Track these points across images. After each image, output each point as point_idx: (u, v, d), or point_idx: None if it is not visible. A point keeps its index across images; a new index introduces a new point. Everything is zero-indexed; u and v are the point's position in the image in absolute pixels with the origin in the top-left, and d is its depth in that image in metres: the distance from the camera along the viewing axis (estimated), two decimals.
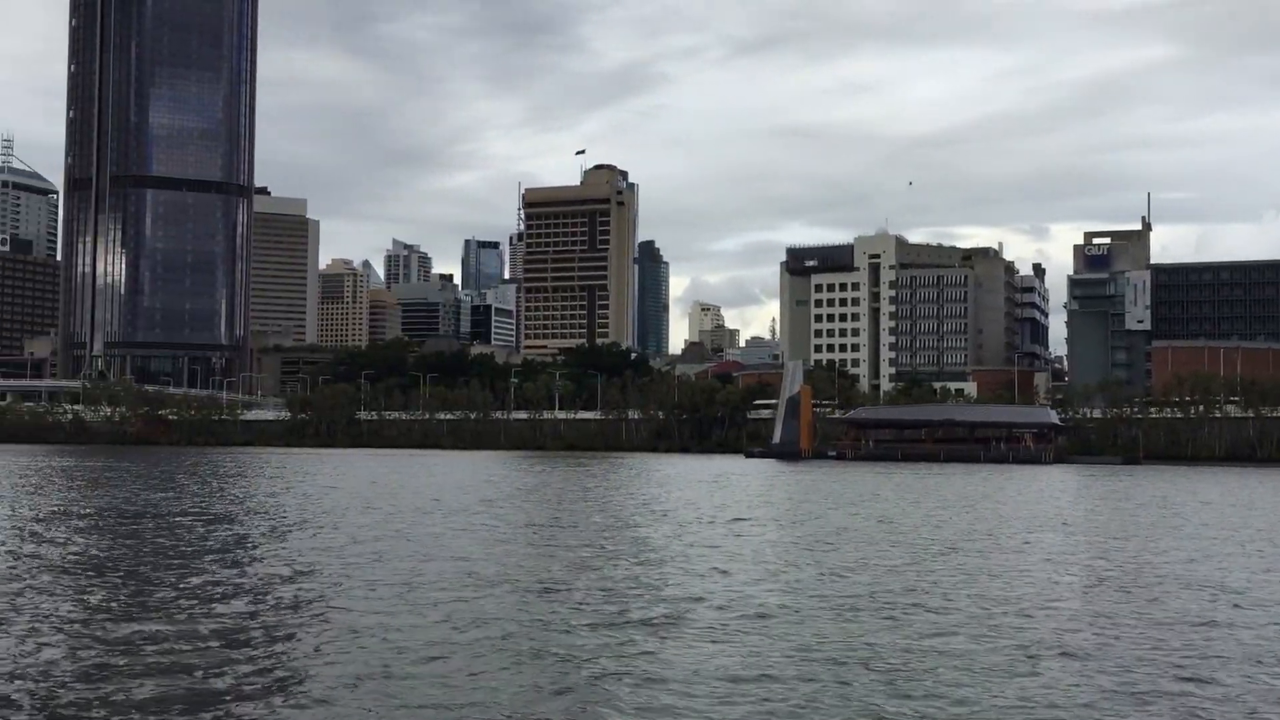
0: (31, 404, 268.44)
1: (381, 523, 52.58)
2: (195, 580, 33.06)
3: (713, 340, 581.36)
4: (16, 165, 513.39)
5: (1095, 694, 20.75)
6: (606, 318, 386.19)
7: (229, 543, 43.87)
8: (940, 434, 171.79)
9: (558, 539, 45.96)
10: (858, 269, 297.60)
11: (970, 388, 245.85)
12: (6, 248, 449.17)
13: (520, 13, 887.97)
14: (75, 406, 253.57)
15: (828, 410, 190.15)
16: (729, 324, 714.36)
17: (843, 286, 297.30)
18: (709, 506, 66.25)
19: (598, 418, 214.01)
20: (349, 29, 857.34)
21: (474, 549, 41.87)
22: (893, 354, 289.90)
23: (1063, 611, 29.84)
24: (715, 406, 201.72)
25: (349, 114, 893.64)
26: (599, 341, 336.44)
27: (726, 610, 28.67)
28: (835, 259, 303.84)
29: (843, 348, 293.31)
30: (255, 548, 42.27)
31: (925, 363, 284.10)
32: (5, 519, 53.29)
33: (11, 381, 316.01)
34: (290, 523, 52.38)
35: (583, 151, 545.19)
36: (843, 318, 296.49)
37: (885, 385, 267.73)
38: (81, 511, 58.48)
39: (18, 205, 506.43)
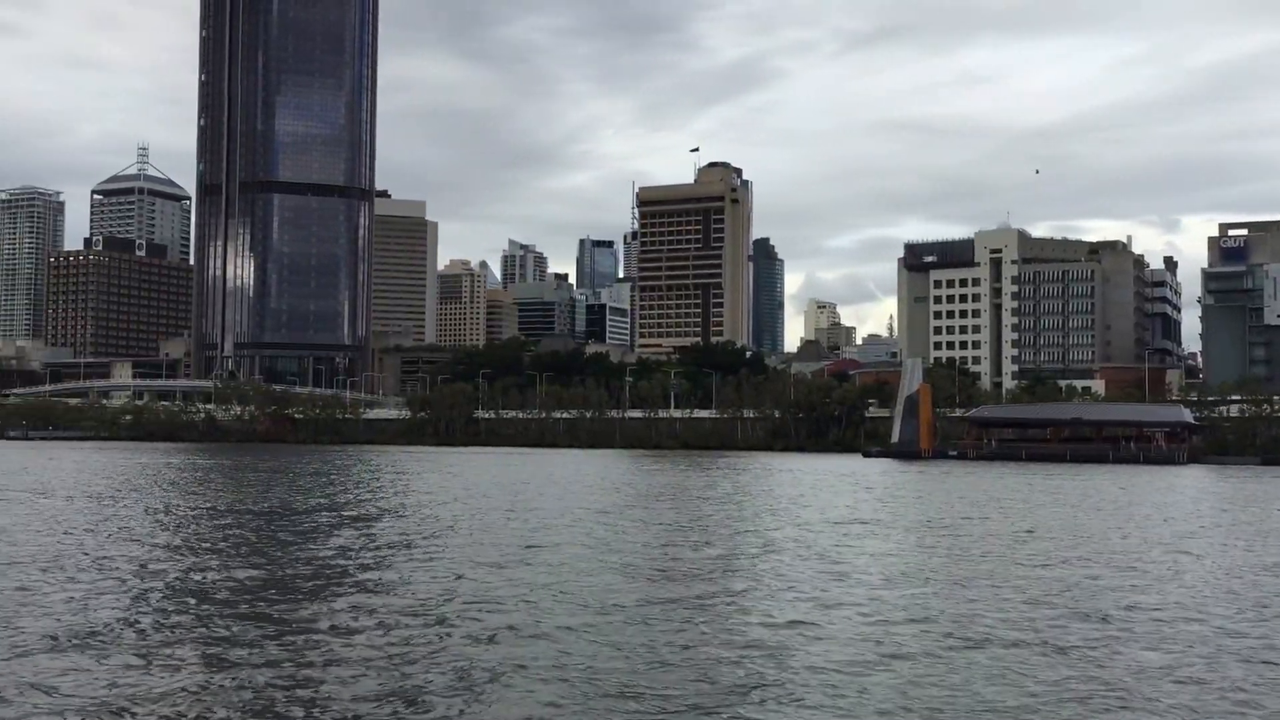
0: (167, 403, 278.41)
1: (532, 522, 52.78)
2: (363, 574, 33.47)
3: (829, 338, 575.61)
4: (152, 173, 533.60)
5: None
6: (721, 316, 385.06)
7: (412, 542, 44.41)
8: (1066, 433, 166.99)
9: (703, 539, 45.52)
10: (978, 264, 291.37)
11: (1097, 386, 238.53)
12: (143, 252, 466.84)
13: (632, 12, 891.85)
14: (207, 406, 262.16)
15: (947, 409, 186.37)
16: (845, 321, 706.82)
17: (963, 282, 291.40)
18: (839, 507, 65.00)
19: (713, 416, 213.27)
20: (463, 33, 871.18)
21: (628, 548, 41.68)
22: (1015, 351, 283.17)
23: None
24: (832, 405, 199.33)
25: (465, 117, 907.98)
26: (714, 340, 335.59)
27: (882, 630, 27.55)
28: (955, 254, 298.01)
29: (963, 345, 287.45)
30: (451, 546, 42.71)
31: (1049, 360, 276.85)
32: (179, 516, 54.88)
33: (148, 381, 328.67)
34: (485, 523, 52.88)
35: (697, 149, 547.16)
36: (963, 314, 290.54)
37: (1007, 383, 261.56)
38: (266, 509, 60.01)
39: (153, 211, 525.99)
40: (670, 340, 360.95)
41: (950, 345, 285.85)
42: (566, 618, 27.25)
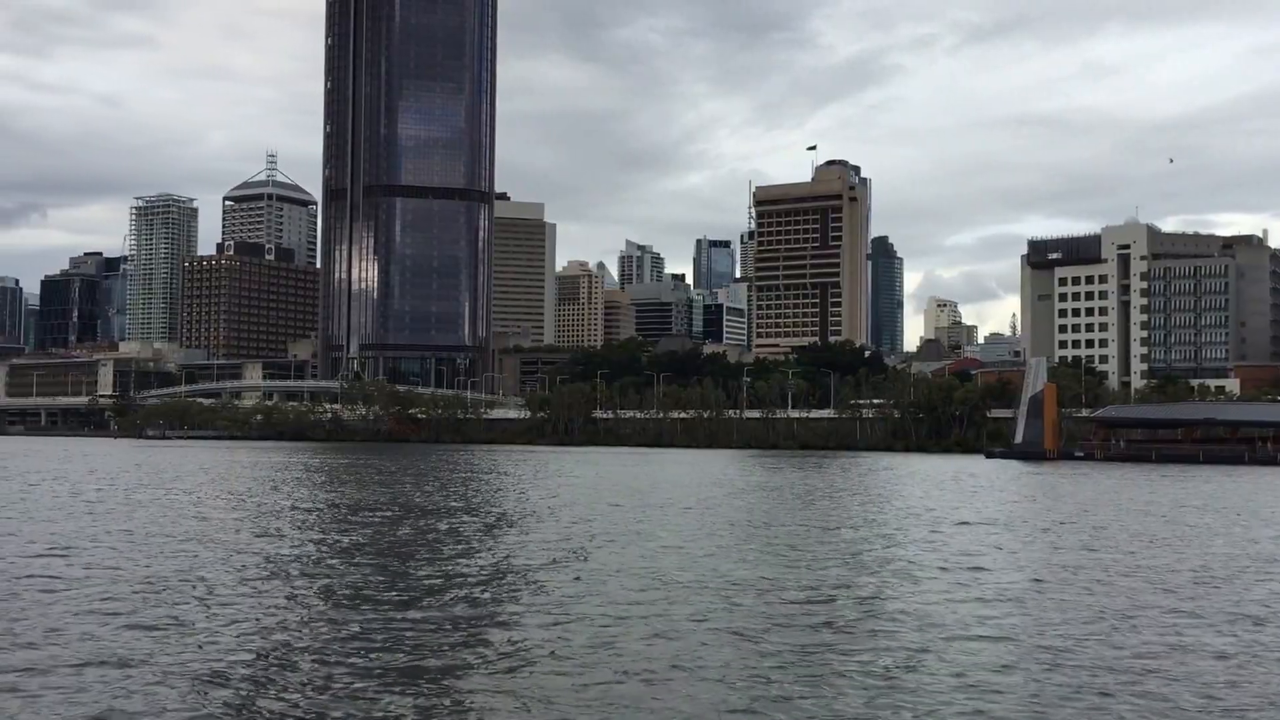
0: (295, 403, 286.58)
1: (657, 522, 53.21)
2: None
3: (949, 337, 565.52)
4: (280, 179, 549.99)
5: None
6: (839, 315, 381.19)
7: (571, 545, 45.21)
8: (1199, 434, 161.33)
9: (833, 543, 45.40)
10: (1105, 260, 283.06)
11: (1232, 384, 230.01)
12: (272, 257, 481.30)
13: (747, 11, 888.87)
14: (334, 406, 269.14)
15: (1073, 409, 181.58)
16: (965, 320, 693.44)
17: (1089, 279, 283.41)
18: (971, 509, 63.91)
19: (831, 416, 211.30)
20: (580, 36, 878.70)
21: (750, 549, 41.81)
22: (1144, 350, 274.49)
23: None
24: (953, 405, 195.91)
25: (583, 119, 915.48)
26: (832, 339, 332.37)
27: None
28: (1080, 251, 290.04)
29: (1089, 344, 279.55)
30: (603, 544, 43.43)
31: (1181, 358, 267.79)
32: (320, 513, 56.72)
33: (277, 382, 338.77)
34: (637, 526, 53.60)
35: (814, 148, 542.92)
36: (1089, 312, 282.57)
37: (1136, 383, 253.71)
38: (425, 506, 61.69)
39: (281, 216, 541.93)
40: (787, 340, 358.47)
41: (1076, 344, 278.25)
42: (705, 618, 27.43)
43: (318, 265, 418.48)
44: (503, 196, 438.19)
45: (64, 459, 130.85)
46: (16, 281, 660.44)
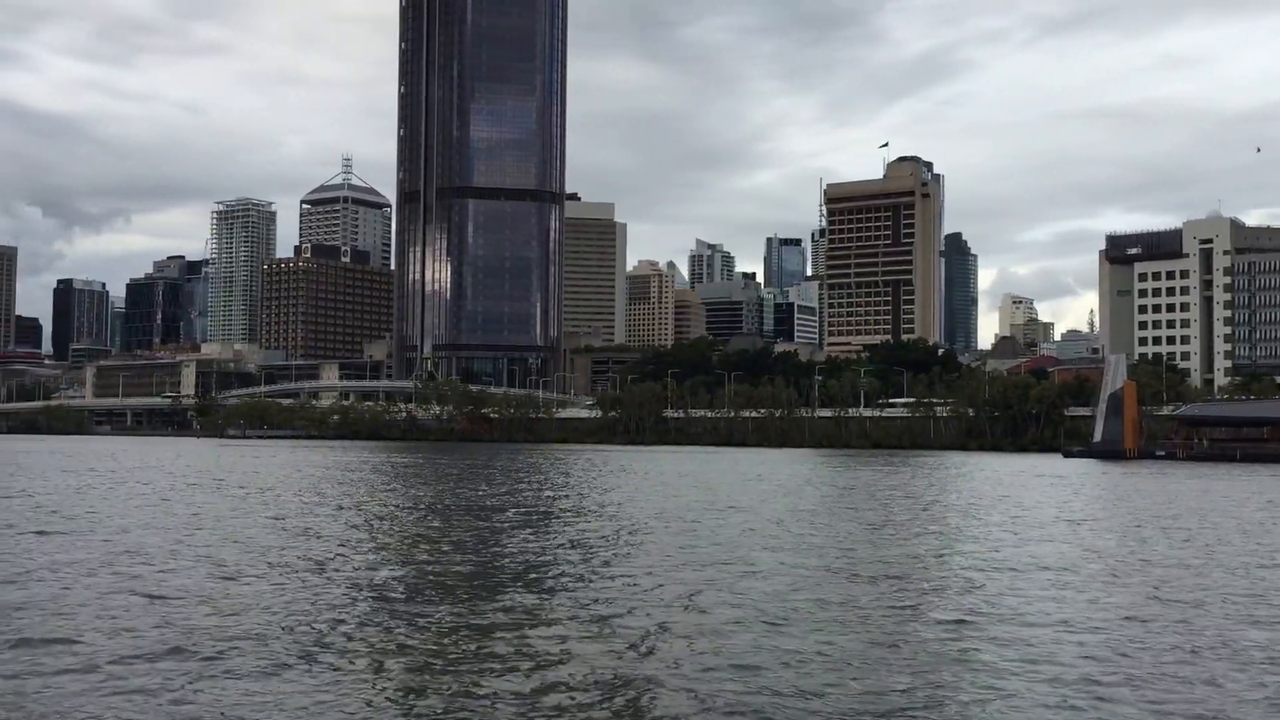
0: (371, 403, 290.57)
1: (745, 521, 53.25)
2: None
3: (1025, 334, 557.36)
4: (355, 182, 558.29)
5: None
6: (912, 313, 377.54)
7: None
8: None
9: (910, 537, 45.11)
10: (1187, 255, 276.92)
11: None
12: (348, 259, 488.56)
13: (815, 7, 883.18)
14: (408, 405, 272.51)
15: (1153, 407, 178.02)
16: (1041, 317, 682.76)
17: (1170, 275, 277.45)
18: (1055, 510, 62.99)
19: (904, 415, 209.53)
20: (648, 35, 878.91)
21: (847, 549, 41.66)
22: (1228, 346, 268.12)
23: None
24: (1029, 403, 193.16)
25: (652, 118, 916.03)
26: (904, 337, 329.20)
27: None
28: (1161, 245, 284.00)
29: (1170, 340, 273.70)
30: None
31: (1266, 355, 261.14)
32: (414, 511, 57.59)
33: (353, 382, 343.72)
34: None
35: (886, 144, 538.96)
36: (1170, 308, 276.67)
37: (1220, 380, 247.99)
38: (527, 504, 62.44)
39: (356, 219, 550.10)
40: (859, 338, 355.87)
41: (1156, 341, 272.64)
42: (781, 616, 27.40)
43: (392, 267, 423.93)
44: (573, 197, 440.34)
45: (174, 457, 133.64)
46: (103, 285, 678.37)
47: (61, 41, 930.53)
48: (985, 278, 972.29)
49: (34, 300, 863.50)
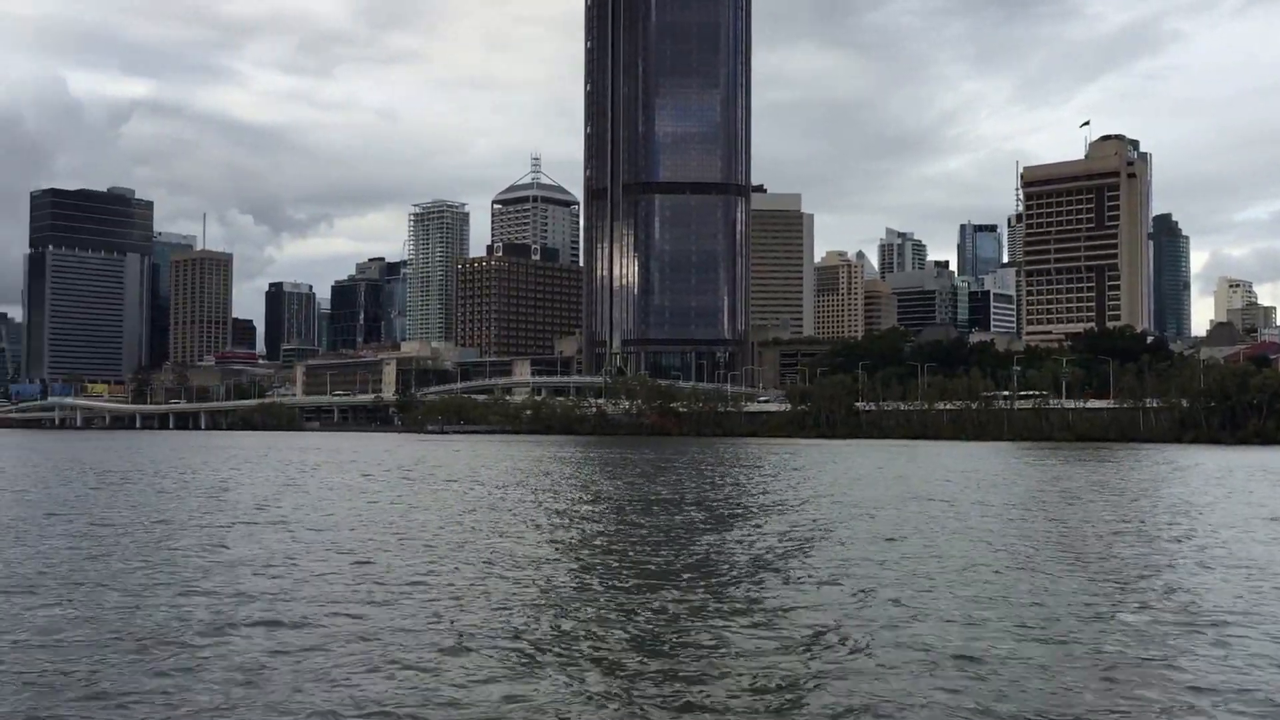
0: (562, 398, 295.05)
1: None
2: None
3: (1243, 319, 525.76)
4: (544, 181, 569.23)
5: None
6: (1118, 299, 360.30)
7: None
8: None
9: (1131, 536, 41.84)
10: None
11: None
12: (538, 257, 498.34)
13: None
14: (598, 400, 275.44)
15: None
16: (1261, 301, 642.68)
17: None
18: None
19: (1110, 407, 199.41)
20: (831, 22, 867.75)
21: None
22: None
23: None
24: (1249, 393, 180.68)
25: (837, 106, 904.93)
26: (1110, 325, 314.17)
27: None
28: None
29: None
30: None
31: None
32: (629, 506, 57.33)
33: (544, 378, 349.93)
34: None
35: (1087, 123, 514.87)
36: None
37: None
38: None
39: (545, 217, 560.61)
40: (1061, 327, 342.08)
41: None
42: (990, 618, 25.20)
43: (580, 263, 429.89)
44: (759, 189, 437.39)
45: (392, 451, 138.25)
46: (310, 287, 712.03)
47: (267, 56, 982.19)
48: (1198, 260, 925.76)
49: (248, 303, 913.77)
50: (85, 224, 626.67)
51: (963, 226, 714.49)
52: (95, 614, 25.71)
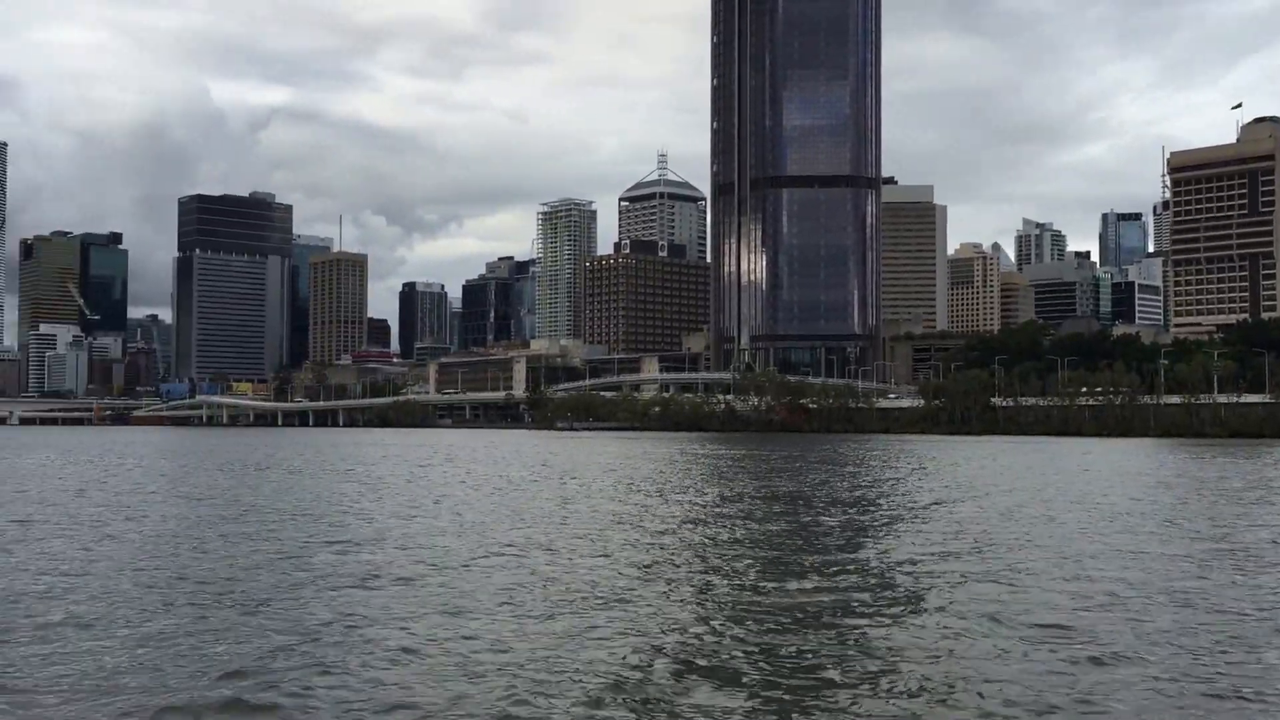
0: (690, 395, 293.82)
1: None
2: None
3: None
4: (670, 177, 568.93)
5: None
6: (1273, 289, 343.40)
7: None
8: None
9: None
10: None
11: None
12: (665, 253, 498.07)
13: None
14: (727, 397, 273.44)
15: None
16: None
17: None
18: None
19: (1266, 401, 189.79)
20: (962, 9, 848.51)
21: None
22: None
23: None
24: None
25: (969, 95, 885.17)
26: (1265, 316, 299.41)
27: None
28: None
29: None
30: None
31: None
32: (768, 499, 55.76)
33: (672, 375, 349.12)
34: None
35: (1239, 105, 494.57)
36: None
37: None
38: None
39: (672, 213, 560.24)
40: (1211, 318, 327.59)
41: None
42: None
43: (708, 260, 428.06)
44: (889, 181, 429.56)
45: (550, 450, 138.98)
46: (442, 286, 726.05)
47: (399, 61, 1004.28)
48: None
49: (382, 303, 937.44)
50: (229, 228, 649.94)
51: (1105, 215, 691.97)
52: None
